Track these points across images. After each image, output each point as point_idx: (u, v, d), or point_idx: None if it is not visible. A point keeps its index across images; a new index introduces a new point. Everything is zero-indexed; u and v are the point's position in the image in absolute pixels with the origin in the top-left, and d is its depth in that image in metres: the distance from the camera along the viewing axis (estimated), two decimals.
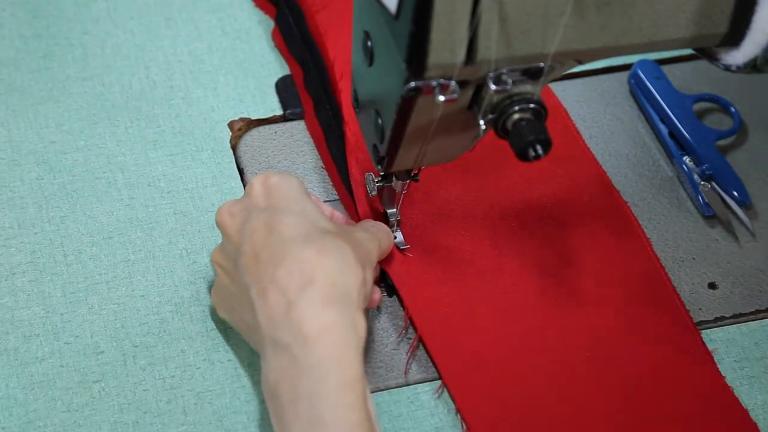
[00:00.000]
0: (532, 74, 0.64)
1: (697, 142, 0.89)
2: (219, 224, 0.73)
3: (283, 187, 0.71)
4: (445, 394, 0.75)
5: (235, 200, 0.73)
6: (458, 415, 0.74)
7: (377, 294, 0.76)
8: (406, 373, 0.76)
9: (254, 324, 0.68)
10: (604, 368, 0.76)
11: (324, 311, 0.65)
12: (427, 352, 0.77)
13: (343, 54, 0.87)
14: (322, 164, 0.87)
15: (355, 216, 0.83)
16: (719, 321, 0.81)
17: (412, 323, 0.78)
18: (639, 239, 0.83)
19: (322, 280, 0.66)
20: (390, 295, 0.80)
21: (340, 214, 0.80)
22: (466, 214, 0.84)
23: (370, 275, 0.71)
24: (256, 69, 0.94)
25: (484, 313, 0.78)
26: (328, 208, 0.79)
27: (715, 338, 0.79)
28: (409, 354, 0.77)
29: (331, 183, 0.86)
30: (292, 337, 0.64)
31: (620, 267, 0.82)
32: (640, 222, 0.85)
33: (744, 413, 0.75)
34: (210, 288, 0.79)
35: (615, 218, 0.85)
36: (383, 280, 0.80)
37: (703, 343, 0.78)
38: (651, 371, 0.76)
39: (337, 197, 0.86)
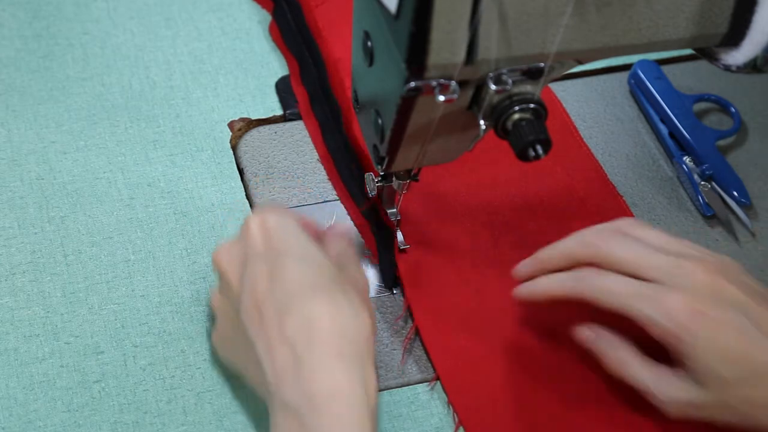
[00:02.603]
0: (532, 74, 0.64)
1: (697, 142, 0.89)
2: (217, 268, 0.70)
3: (281, 228, 0.68)
4: (441, 391, 0.75)
5: (232, 242, 0.70)
6: (450, 408, 0.74)
7: None
8: (402, 362, 0.76)
9: (261, 379, 0.65)
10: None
11: (334, 369, 0.62)
12: (423, 347, 0.77)
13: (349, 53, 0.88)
14: (320, 161, 0.88)
15: (353, 216, 0.83)
16: None
17: (410, 315, 0.78)
18: None
19: (331, 334, 0.63)
20: (391, 292, 0.80)
21: (309, 221, 0.75)
22: (463, 209, 0.84)
23: (373, 316, 0.68)
24: (256, 69, 0.94)
25: (480, 308, 0.78)
26: (296, 216, 0.73)
27: None
28: (404, 345, 0.77)
29: (329, 181, 0.86)
30: (300, 398, 0.62)
31: None
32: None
33: None
34: (210, 288, 0.79)
35: (612, 214, 0.85)
36: (383, 277, 0.80)
37: None
38: None
39: (336, 197, 0.86)
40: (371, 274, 0.81)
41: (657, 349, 0.70)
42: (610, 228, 0.73)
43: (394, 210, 0.81)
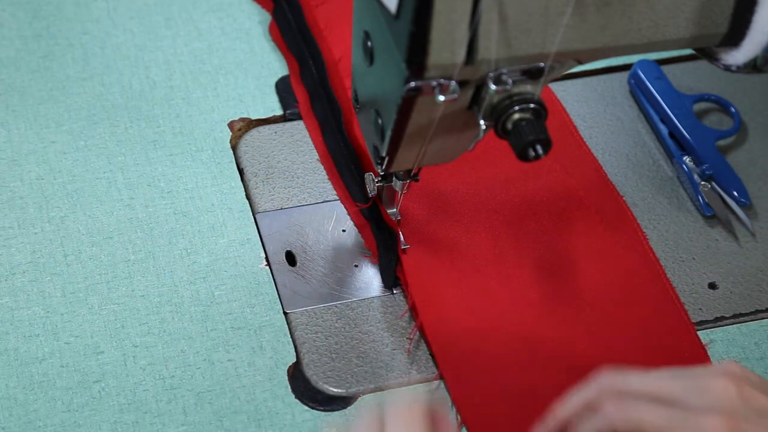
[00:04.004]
0: (532, 74, 0.64)
1: (697, 142, 0.89)
2: None
3: None
4: (442, 391, 0.75)
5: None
6: (453, 407, 0.74)
7: None
8: (408, 352, 0.76)
9: None
10: (599, 362, 0.75)
11: None
12: (427, 346, 0.77)
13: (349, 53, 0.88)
14: (320, 161, 0.88)
15: (353, 216, 0.84)
16: (719, 321, 0.81)
17: (411, 315, 0.78)
18: (635, 233, 0.84)
19: None
20: (391, 292, 0.80)
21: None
22: (463, 209, 0.84)
23: None
24: (256, 69, 0.94)
25: (481, 306, 0.78)
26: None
27: (715, 338, 0.79)
28: (409, 346, 0.77)
29: (329, 181, 0.87)
30: None
31: (615, 260, 0.82)
32: (640, 222, 0.85)
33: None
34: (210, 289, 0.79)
35: (611, 212, 0.85)
36: (383, 277, 0.80)
37: (698, 337, 0.78)
38: (646, 365, 0.76)
39: (336, 197, 0.86)
40: (371, 274, 0.81)
41: None
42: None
43: (395, 210, 0.81)
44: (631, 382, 0.66)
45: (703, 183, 0.88)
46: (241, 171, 0.87)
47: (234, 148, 0.89)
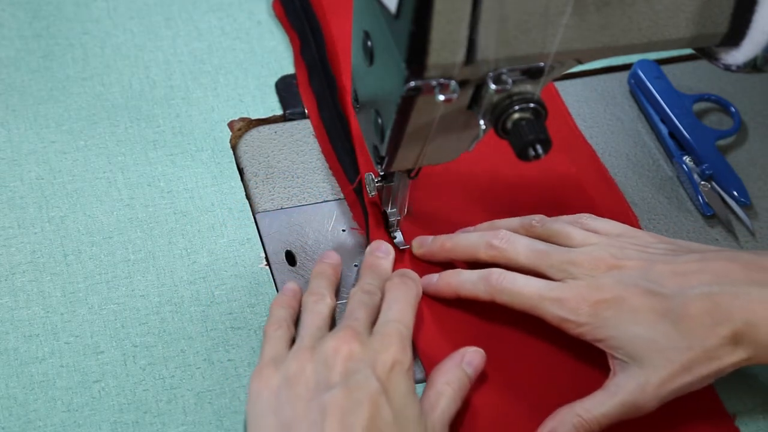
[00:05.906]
0: (532, 74, 0.65)
1: (697, 142, 0.89)
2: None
3: (406, 389, 0.68)
4: None
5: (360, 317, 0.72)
6: None
7: None
8: None
9: None
10: (598, 360, 0.75)
11: None
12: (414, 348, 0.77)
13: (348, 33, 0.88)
14: (322, 164, 0.88)
15: (357, 217, 0.84)
16: None
17: None
18: None
19: None
20: None
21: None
22: (463, 208, 0.84)
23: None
24: (256, 69, 0.94)
25: (480, 305, 0.78)
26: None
27: None
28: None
29: (332, 175, 0.87)
30: None
31: None
32: (640, 222, 0.85)
33: (724, 414, 0.75)
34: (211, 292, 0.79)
35: (614, 215, 0.85)
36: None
37: None
38: None
39: (340, 196, 0.86)
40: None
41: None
42: (511, 227, 0.77)
43: (395, 210, 0.81)
44: (516, 254, 0.74)
45: (703, 183, 0.88)
46: (241, 171, 0.87)
47: (234, 148, 0.89)
